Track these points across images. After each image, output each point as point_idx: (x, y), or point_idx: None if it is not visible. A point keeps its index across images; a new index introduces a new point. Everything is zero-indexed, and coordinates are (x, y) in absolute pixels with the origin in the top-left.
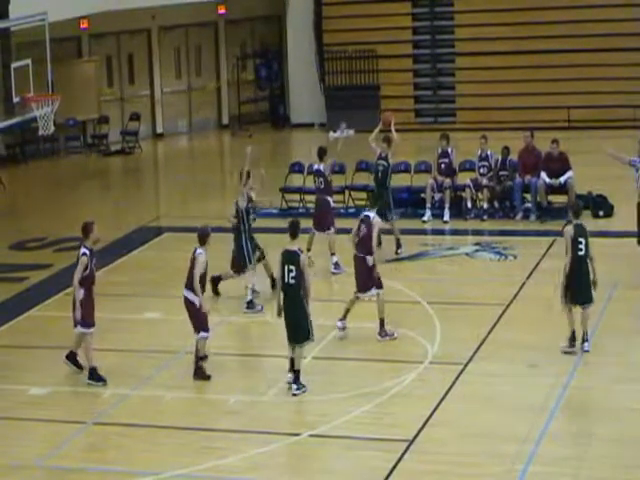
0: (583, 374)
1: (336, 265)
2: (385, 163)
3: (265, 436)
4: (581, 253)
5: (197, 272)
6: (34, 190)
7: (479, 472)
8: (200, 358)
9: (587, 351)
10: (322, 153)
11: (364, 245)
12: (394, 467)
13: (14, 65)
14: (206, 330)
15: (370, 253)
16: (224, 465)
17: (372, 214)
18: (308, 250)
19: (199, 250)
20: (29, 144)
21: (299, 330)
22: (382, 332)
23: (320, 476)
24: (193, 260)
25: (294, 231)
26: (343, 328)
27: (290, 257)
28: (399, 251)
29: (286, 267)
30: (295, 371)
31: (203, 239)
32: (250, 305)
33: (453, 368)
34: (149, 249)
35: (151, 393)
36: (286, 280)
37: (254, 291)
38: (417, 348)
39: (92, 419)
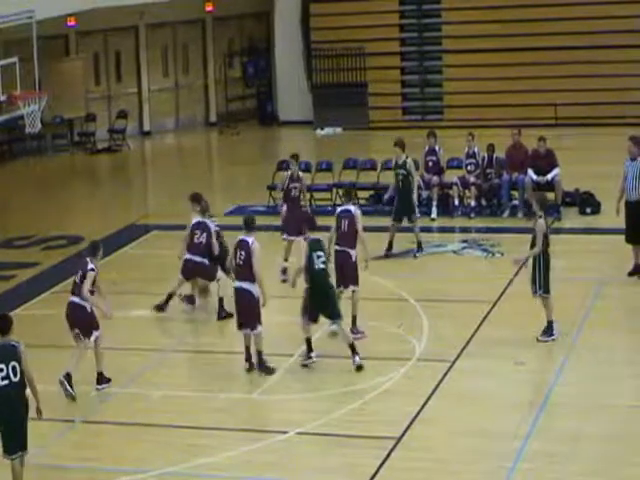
0: (570, 371)
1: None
2: (404, 171)
3: (253, 434)
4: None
5: None
6: (21, 188)
7: (467, 469)
8: None
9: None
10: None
11: (347, 240)
12: (382, 464)
13: (1, 63)
14: None
15: (354, 247)
16: (212, 463)
17: (352, 208)
18: (285, 260)
19: None
20: (16, 142)
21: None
22: (354, 329)
23: (308, 474)
24: None
25: (313, 225)
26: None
27: (316, 244)
28: (417, 254)
29: (314, 254)
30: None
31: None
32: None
33: (440, 365)
34: (137, 247)
35: (139, 391)
36: (316, 266)
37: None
38: (404, 345)
39: (80, 417)
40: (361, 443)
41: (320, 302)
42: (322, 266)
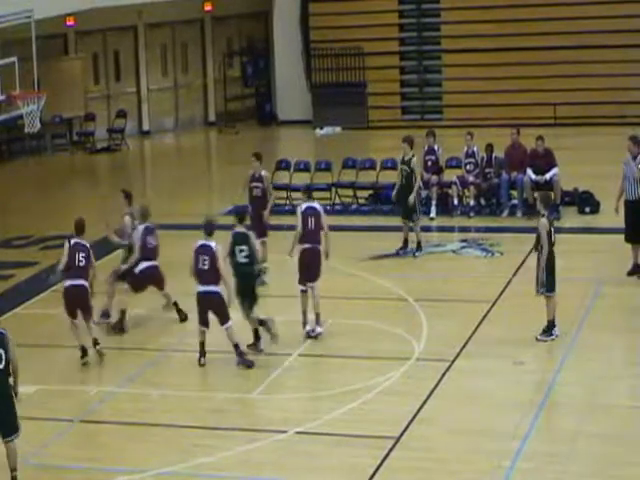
0: (570, 370)
1: None
2: (407, 168)
3: (252, 433)
4: (553, 243)
5: None
6: (20, 188)
7: (466, 469)
8: None
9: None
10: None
11: (316, 237)
12: (381, 464)
13: None
14: None
15: (320, 243)
16: (211, 462)
17: (317, 204)
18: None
19: None
20: (15, 141)
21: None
22: (316, 325)
23: (307, 473)
24: None
25: (241, 217)
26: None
27: (241, 238)
28: (417, 253)
29: (237, 248)
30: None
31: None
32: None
33: (440, 365)
34: None
35: (137, 390)
36: (238, 260)
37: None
38: (403, 345)
39: (79, 417)
40: (360, 443)
41: (242, 293)
42: (244, 260)
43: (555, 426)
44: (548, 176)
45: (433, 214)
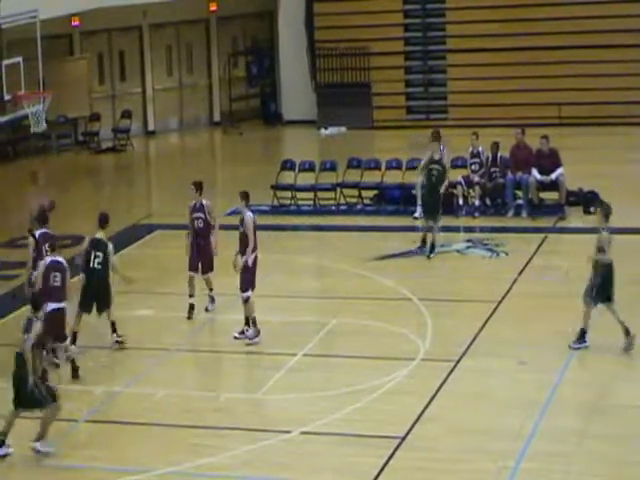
0: (573, 370)
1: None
2: (439, 167)
3: (256, 433)
4: None
5: None
6: (25, 188)
7: (471, 469)
8: None
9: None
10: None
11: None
12: (386, 464)
13: (5, 62)
14: None
15: None
16: (215, 462)
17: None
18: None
19: None
20: (20, 141)
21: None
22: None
23: (311, 473)
24: None
25: (103, 222)
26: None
27: (97, 244)
28: (431, 255)
29: (93, 253)
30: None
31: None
32: None
33: (444, 365)
34: (140, 247)
35: (142, 390)
36: (92, 265)
37: None
38: (409, 345)
39: (83, 417)
40: (365, 442)
41: (95, 297)
42: (98, 267)
43: (559, 426)
44: (553, 176)
45: None
